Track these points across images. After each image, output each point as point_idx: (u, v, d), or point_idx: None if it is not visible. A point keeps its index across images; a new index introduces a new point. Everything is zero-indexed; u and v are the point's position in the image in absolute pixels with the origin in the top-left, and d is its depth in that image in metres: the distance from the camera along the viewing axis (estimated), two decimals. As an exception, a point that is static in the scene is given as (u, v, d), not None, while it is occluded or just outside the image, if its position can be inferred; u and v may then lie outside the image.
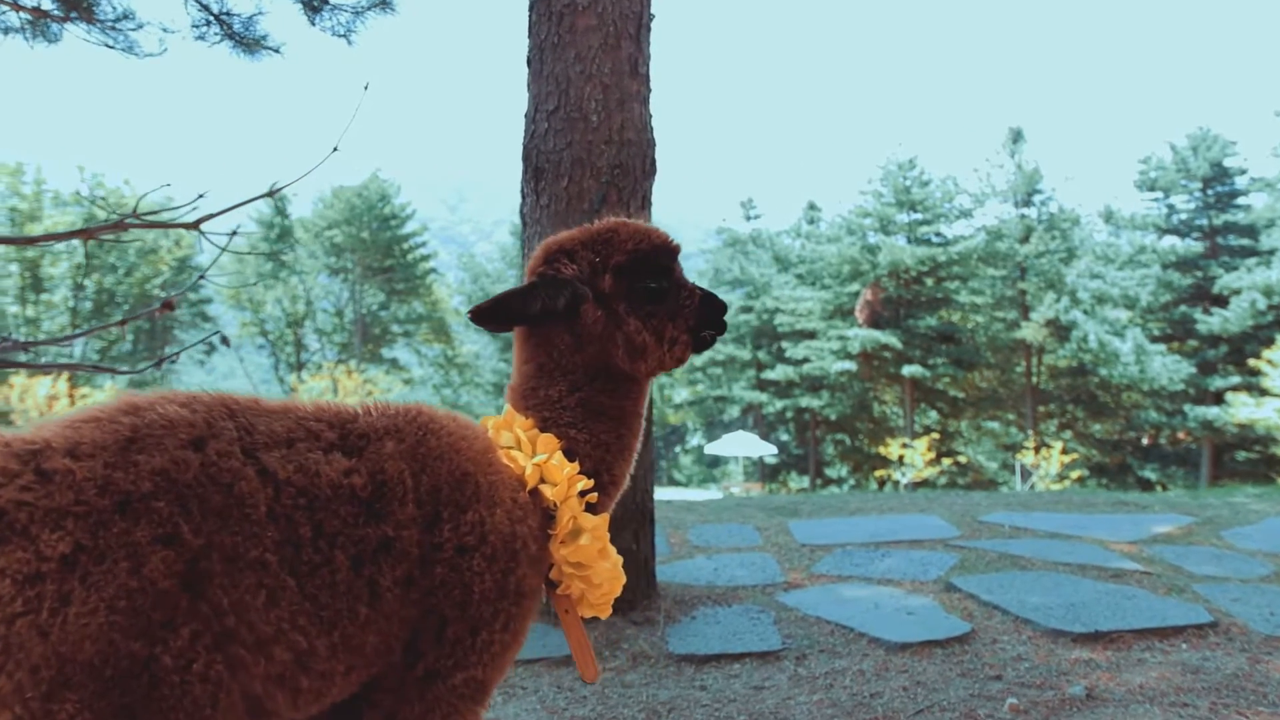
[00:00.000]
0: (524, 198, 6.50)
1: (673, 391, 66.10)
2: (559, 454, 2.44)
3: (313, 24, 6.47)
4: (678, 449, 72.05)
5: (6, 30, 6.97)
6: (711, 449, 49.18)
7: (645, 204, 6.48)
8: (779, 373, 53.18)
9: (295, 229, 66.92)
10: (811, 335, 52.32)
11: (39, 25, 6.95)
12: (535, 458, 2.40)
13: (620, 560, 2.58)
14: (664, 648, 5.74)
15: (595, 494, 2.48)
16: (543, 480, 2.39)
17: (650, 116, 6.58)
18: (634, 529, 6.40)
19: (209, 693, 1.83)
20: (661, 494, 47.46)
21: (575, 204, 6.25)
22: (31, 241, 5.48)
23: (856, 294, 50.87)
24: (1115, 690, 4.76)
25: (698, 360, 57.38)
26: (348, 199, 65.57)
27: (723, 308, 2.63)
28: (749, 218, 63.01)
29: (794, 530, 8.95)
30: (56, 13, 6.88)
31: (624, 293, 2.53)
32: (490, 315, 2.48)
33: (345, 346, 65.79)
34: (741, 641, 5.78)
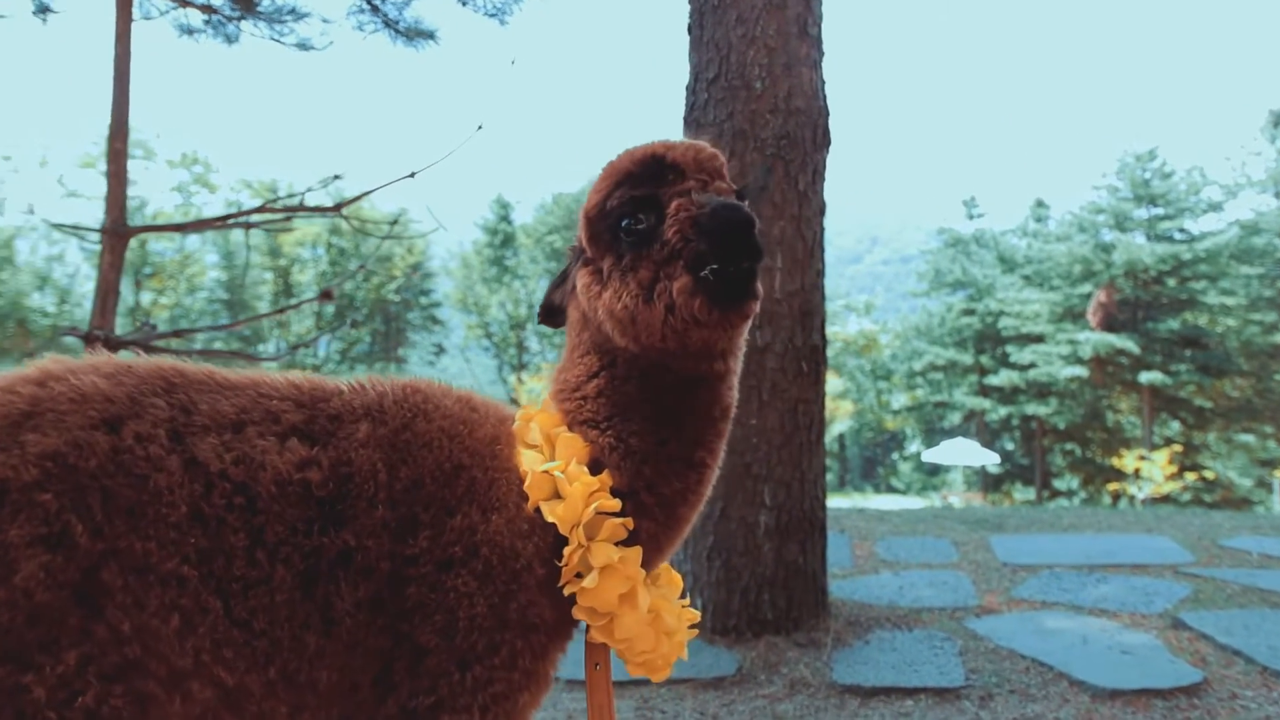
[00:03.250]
0: (683, 177, 6.01)
1: (890, 397, 64.06)
2: (575, 462, 1.84)
3: (463, 3, 6.19)
4: (895, 456, 69.72)
5: (191, 31, 7.10)
6: (929, 456, 47.10)
7: (817, 178, 5.85)
8: (1003, 378, 50.39)
9: (518, 235, 69.43)
10: (1039, 339, 49.33)
11: (212, 23, 7.04)
12: (543, 465, 1.83)
13: (671, 610, 1.94)
14: (827, 675, 5.09)
15: (629, 518, 1.85)
16: (556, 494, 1.82)
17: (823, 82, 5.94)
18: (800, 540, 5.79)
19: None
20: (874, 502, 46.01)
21: (738, 180, 5.67)
22: (181, 229, 5.47)
23: (1088, 295, 47.55)
24: (1394, 769, 3.76)
25: (916, 364, 55.31)
26: (567, 205, 67.39)
27: (731, 225, 1.66)
28: (971, 217, 60.04)
29: (995, 547, 8.02)
30: (227, 11, 6.95)
31: (606, 247, 1.83)
32: (545, 314, 2.07)
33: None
34: (918, 674, 5.05)
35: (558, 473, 1.81)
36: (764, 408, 5.67)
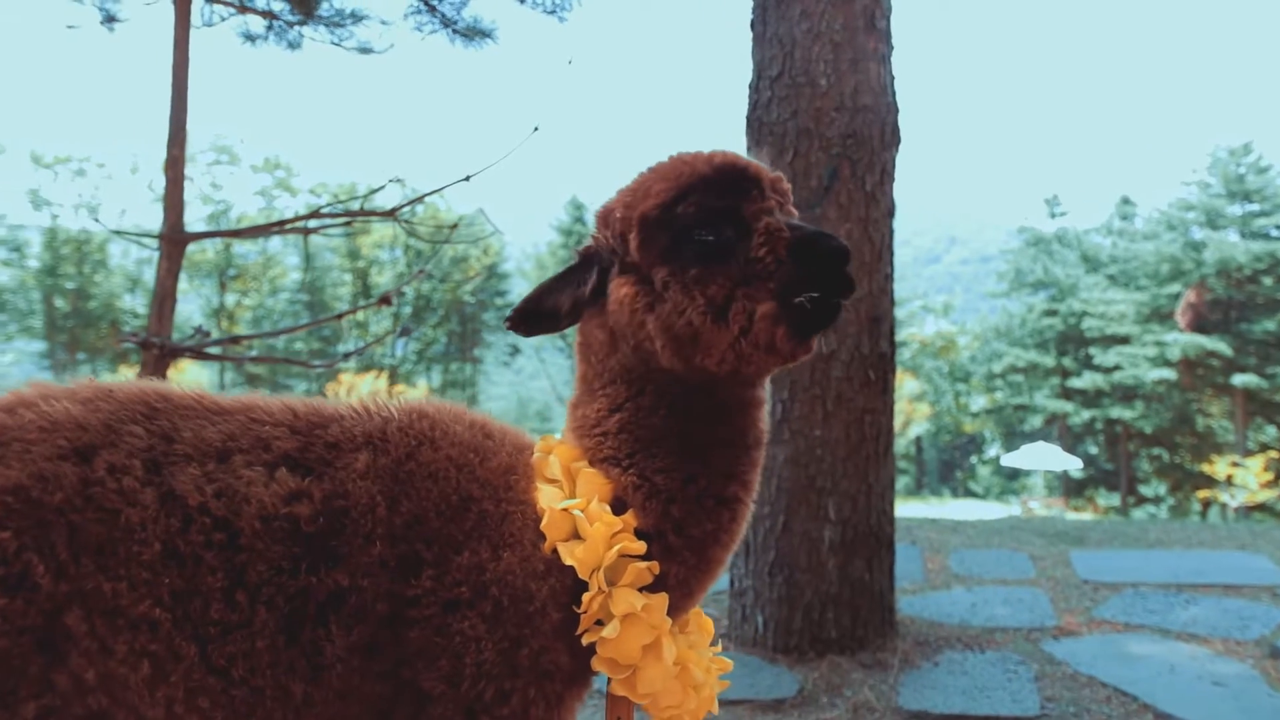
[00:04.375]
0: (746, 177, 5.81)
1: (969, 399, 62.86)
2: (596, 500, 1.68)
3: (521, 1, 6.08)
4: (973, 459, 68.40)
5: (253, 38, 7.12)
6: (1009, 461, 46.09)
7: (885, 178, 5.61)
8: (1086, 381, 49.19)
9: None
10: (1124, 340, 48.06)
11: (274, 29, 7.05)
12: (562, 502, 1.67)
13: (699, 662, 1.76)
14: (893, 699, 4.86)
15: (655, 562, 1.68)
16: (575, 535, 1.66)
17: (892, 78, 5.69)
18: (867, 555, 5.55)
19: None
20: (950, 507, 44.98)
21: (802, 180, 5.48)
22: (237, 235, 5.45)
23: (1177, 295, 46.19)
24: None
25: (995, 366, 54.16)
26: (638, 207, 67.63)
27: (835, 254, 1.57)
28: (1053, 215, 58.66)
29: (1076, 562, 7.65)
30: (288, 16, 6.95)
31: (661, 255, 1.65)
32: (522, 319, 1.79)
33: (637, 349, 67.90)
34: (990, 700, 4.79)
35: (577, 511, 1.65)
36: (829, 418, 5.45)
